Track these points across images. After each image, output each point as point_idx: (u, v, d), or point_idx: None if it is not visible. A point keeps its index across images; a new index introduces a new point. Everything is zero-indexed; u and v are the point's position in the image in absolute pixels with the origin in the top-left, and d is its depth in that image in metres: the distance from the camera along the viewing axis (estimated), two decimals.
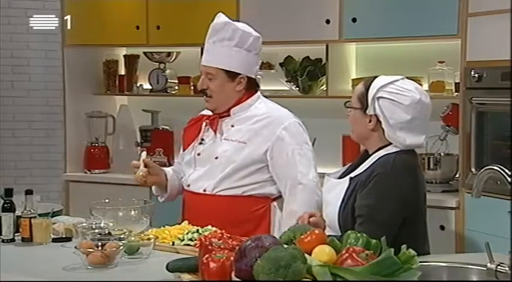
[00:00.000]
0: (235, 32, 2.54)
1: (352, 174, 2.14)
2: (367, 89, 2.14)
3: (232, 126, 2.56)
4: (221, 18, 2.60)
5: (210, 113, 2.63)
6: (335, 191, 2.17)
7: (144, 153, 2.62)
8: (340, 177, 2.21)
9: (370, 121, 2.13)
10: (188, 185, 2.59)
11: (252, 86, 2.60)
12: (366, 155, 2.20)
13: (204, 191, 2.54)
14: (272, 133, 2.51)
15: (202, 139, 2.61)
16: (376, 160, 2.12)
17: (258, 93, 2.65)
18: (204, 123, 2.62)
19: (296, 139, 2.52)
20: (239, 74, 2.54)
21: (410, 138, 2.11)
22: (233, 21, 2.60)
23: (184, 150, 2.67)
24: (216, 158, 2.54)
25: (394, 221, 2.05)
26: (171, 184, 2.66)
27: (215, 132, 2.57)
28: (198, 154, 2.60)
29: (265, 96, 2.74)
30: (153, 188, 2.70)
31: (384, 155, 2.12)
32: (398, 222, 2.06)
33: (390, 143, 2.14)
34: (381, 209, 2.04)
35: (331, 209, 2.16)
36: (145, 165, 2.53)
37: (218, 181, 2.52)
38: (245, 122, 2.55)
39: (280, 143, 2.50)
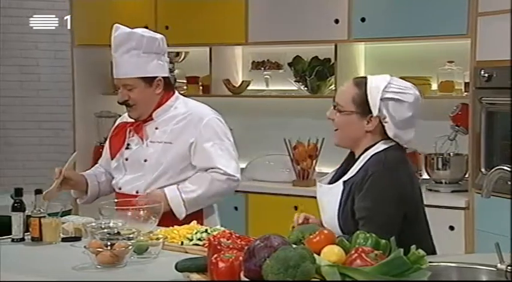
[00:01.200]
0: (141, 40, 2.62)
1: (345, 178, 2.11)
2: (364, 90, 2.10)
3: (157, 128, 2.66)
4: (121, 29, 2.65)
5: (131, 120, 2.70)
6: (329, 197, 2.14)
7: (74, 155, 2.72)
8: (330, 182, 2.18)
9: (368, 123, 2.10)
10: (120, 188, 2.69)
11: (168, 86, 2.71)
12: (353, 158, 2.18)
13: (137, 192, 2.63)
14: (194, 130, 2.62)
15: (128, 144, 2.70)
16: (368, 160, 2.10)
17: (176, 93, 2.75)
18: (128, 130, 2.71)
19: (216, 134, 2.63)
20: (155, 77, 2.64)
21: (409, 134, 2.12)
22: (133, 29, 2.66)
23: (112, 158, 2.74)
24: (145, 160, 2.64)
25: (395, 220, 2.04)
26: (92, 189, 2.74)
27: (142, 138, 2.66)
28: (126, 159, 2.69)
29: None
30: (72, 191, 2.75)
31: (374, 154, 2.10)
32: (400, 220, 2.05)
33: (376, 143, 2.11)
34: (380, 210, 2.02)
35: (329, 215, 2.14)
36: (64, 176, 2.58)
37: (150, 182, 2.62)
38: (168, 123, 2.65)
39: (202, 139, 2.61)
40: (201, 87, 4.41)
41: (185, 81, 4.45)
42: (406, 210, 2.07)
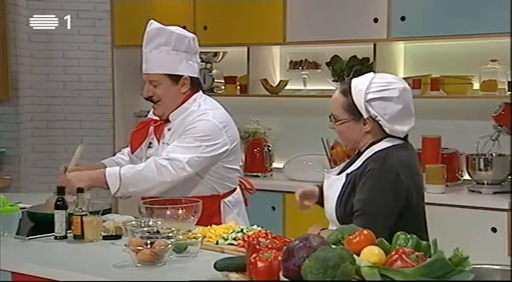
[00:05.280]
0: (171, 36, 2.60)
1: (348, 171, 2.20)
2: (350, 97, 2.16)
3: (169, 129, 2.65)
4: (154, 25, 2.64)
5: (155, 117, 2.70)
6: (333, 188, 2.22)
7: (79, 149, 2.66)
8: (338, 174, 2.26)
9: (365, 124, 2.17)
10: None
11: (195, 86, 2.67)
12: (361, 152, 2.24)
13: None
14: (185, 125, 2.57)
15: (150, 143, 2.70)
16: (370, 156, 2.16)
17: (197, 93, 2.68)
18: (150, 128, 2.69)
19: (193, 134, 2.54)
20: (181, 76, 2.61)
21: (407, 125, 2.16)
22: (166, 26, 2.64)
23: (132, 153, 2.75)
24: None
25: (388, 214, 2.09)
26: None
27: (158, 140, 2.65)
28: (148, 158, 2.67)
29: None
30: None
31: (377, 151, 2.16)
32: (393, 215, 2.09)
33: (382, 139, 2.16)
34: (373, 202, 2.08)
35: (329, 205, 2.23)
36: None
37: None
38: (179, 125, 2.62)
39: (183, 132, 2.56)
40: (238, 87, 4.42)
41: (223, 81, 4.47)
42: (402, 207, 2.11)
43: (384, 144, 2.16)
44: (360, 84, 2.16)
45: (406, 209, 2.12)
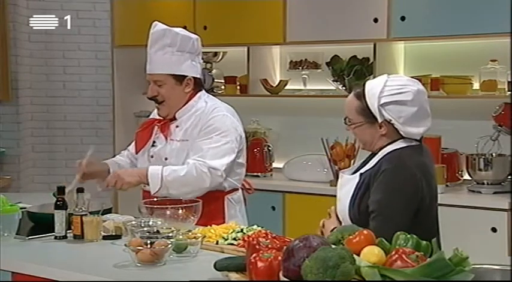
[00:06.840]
0: (176, 37, 2.64)
1: (362, 170, 2.18)
2: (364, 101, 2.15)
3: (177, 127, 2.69)
4: (158, 26, 2.68)
5: (159, 117, 2.73)
6: (346, 187, 2.20)
7: (91, 150, 2.69)
8: (353, 174, 2.24)
9: (380, 127, 2.15)
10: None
11: (198, 86, 2.72)
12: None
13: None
14: (202, 123, 2.63)
15: (154, 142, 2.73)
16: (384, 156, 2.15)
17: (200, 92, 2.73)
18: (155, 127, 2.73)
19: (215, 130, 2.60)
20: (186, 76, 2.65)
21: (423, 127, 2.15)
22: (170, 27, 2.67)
23: (136, 153, 2.79)
24: (166, 158, 2.67)
25: (403, 215, 2.06)
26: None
27: (166, 137, 2.69)
28: (152, 156, 2.72)
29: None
30: (96, 180, 2.77)
31: (392, 151, 2.15)
32: (408, 216, 2.07)
33: (397, 139, 2.15)
34: (389, 204, 2.06)
35: (342, 205, 2.19)
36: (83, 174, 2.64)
37: None
38: (187, 121, 2.67)
39: (201, 133, 2.61)
40: (238, 87, 4.43)
41: (223, 81, 4.48)
42: (416, 208, 2.09)
43: (398, 145, 2.15)
44: (373, 88, 2.14)
45: (421, 209, 2.10)
